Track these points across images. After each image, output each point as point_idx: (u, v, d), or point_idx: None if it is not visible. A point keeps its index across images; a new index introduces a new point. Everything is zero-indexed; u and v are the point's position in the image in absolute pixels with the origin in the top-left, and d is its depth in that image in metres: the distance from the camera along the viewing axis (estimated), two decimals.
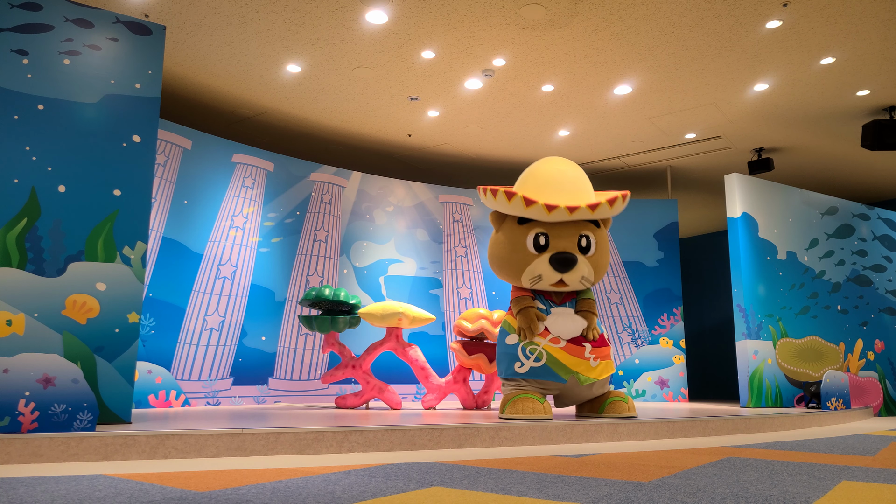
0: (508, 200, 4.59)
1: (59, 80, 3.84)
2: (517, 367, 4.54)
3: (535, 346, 4.54)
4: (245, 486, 2.38)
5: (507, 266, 4.78)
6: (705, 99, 6.57)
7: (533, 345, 4.55)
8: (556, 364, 4.50)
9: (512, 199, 4.57)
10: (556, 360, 4.51)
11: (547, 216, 4.55)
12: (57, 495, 2.16)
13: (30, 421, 3.16)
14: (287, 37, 5.44)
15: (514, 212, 4.69)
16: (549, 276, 4.61)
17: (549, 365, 4.49)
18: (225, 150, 6.72)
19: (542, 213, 4.54)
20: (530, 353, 4.53)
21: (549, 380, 4.50)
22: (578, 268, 4.62)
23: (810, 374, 7.14)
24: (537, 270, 4.62)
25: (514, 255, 4.70)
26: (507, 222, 4.83)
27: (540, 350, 4.53)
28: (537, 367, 4.50)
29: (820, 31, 5.24)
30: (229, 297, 6.52)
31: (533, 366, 4.51)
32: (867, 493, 2.33)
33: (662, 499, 2.18)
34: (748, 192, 7.28)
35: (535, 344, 4.55)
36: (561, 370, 4.49)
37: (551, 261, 4.58)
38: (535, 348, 4.53)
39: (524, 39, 5.46)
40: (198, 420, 4.15)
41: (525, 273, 4.66)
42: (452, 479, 2.55)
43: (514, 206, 4.61)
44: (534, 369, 4.50)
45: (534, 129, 7.40)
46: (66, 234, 3.72)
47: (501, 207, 4.74)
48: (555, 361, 4.50)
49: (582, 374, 4.52)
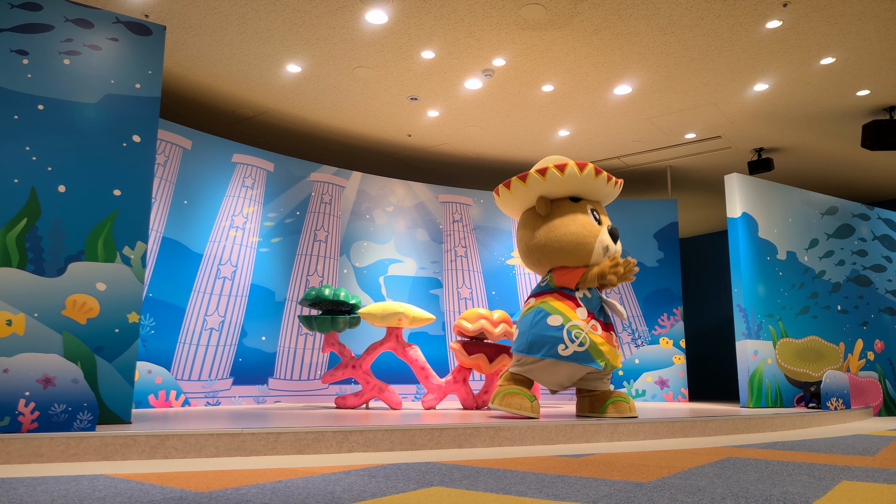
0: (581, 171, 4.70)
1: (59, 80, 3.84)
2: (561, 349, 4.50)
3: (581, 330, 4.54)
4: (245, 486, 2.38)
5: (582, 242, 4.75)
6: (705, 99, 6.57)
7: (578, 329, 4.54)
8: (596, 350, 4.53)
9: (584, 169, 4.71)
10: (596, 346, 4.54)
11: (595, 179, 4.77)
12: (57, 495, 2.16)
13: (30, 421, 3.16)
14: (287, 37, 5.44)
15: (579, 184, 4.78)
16: (612, 247, 4.80)
17: (591, 351, 4.52)
18: (225, 150, 6.72)
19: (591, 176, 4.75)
20: (576, 336, 4.52)
21: (589, 364, 4.52)
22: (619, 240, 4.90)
23: (810, 374, 7.14)
24: (605, 241, 4.77)
25: (586, 230, 4.76)
26: (561, 205, 4.87)
27: (584, 335, 4.53)
28: (580, 351, 4.50)
29: (820, 31, 5.24)
30: (229, 297, 6.52)
31: (577, 350, 4.50)
32: (867, 493, 2.33)
33: (662, 499, 2.18)
34: (748, 192, 7.28)
35: (581, 328, 4.54)
36: (599, 357, 4.53)
37: (609, 232, 4.80)
38: (581, 332, 4.53)
39: (524, 39, 5.46)
40: (198, 420, 4.15)
41: (597, 244, 4.75)
42: (452, 479, 2.55)
43: (586, 176, 4.73)
44: (577, 353, 4.50)
45: (534, 129, 7.40)
46: (66, 234, 3.72)
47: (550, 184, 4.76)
48: (595, 348, 4.53)
49: (611, 362, 4.61)
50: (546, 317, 4.62)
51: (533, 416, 4.41)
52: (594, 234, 4.74)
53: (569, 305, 4.65)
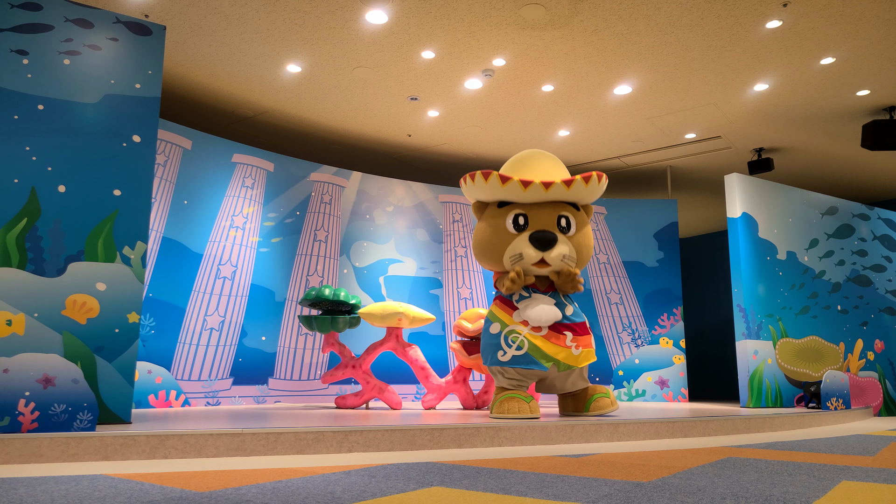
0: (485, 180, 4.64)
1: (59, 80, 3.84)
2: (500, 355, 4.59)
3: (518, 334, 4.59)
4: (245, 486, 2.38)
5: (489, 249, 4.80)
6: (705, 99, 6.57)
7: (515, 333, 4.59)
8: (537, 352, 4.54)
9: (489, 177, 4.63)
10: (537, 347, 4.55)
11: (523, 192, 4.62)
12: (57, 495, 2.16)
13: (30, 421, 3.16)
14: (287, 37, 5.44)
15: (491, 193, 4.75)
16: (529, 255, 4.62)
17: (531, 353, 4.53)
18: (225, 150, 6.72)
19: (518, 189, 4.61)
20: (512, 341, 4.57)
21: (531, 367, 4.53)
22: (558, 246, 4.64)
23: (810, 374, 7.14)
24: (518, 249, 4.64)
25: (495, 238, 4.74)
26: (489, 209, 4.89)
27: (521, 339, 4.56)
28: (518, 355, 4.54)
29: (820, 31, 5.24)
30: (229, 297, 6.52)
31: (515, 354, 4.55)
32: (867, 493, 2.33)
33: (662, 499, 2.18)
34: (748, 192, 7.28)
35: (518, 332, 4.59)
36: (542, 358, 4.53)
37: (531, 239, 4.61)
38: (517, 336, 4.57)
39: (524, 39, 5.46)
40: (198, 420, 4.15)
41: (506, 252, 4.68)
42: (452, 479, 2.55)
43: (490, 185, 4.66)
44: (515, 357, 4.54)
45: (534, 129, 7.40)
46: (66, 234, 3.72)
47: (479, 191, 4.80)
48: (535, 349, 4.54)
49: (563, 363, 4.57)
50: (489, 325, 4.76)
51: (533, 417, 4.41)
52: (505, 242, 4.69)
53: (506, 311, 4.71)
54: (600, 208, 8.71)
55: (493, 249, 4.76)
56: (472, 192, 4.89)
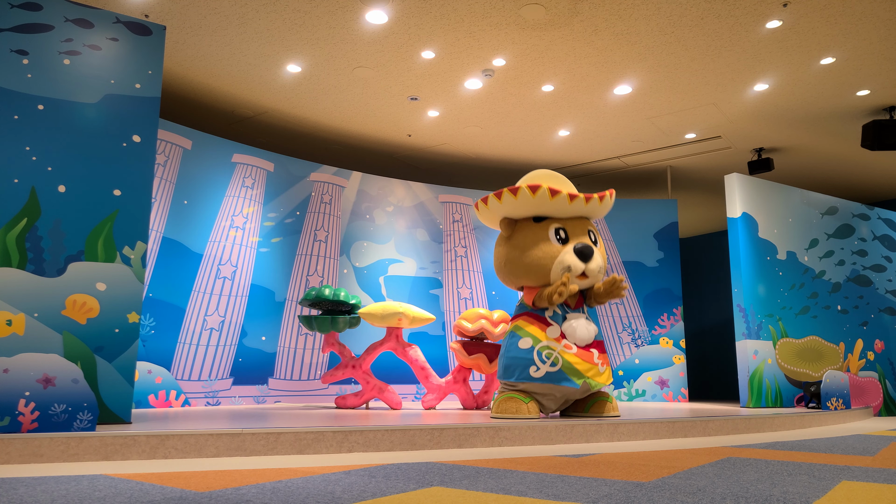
0: (533, 194, 4.63)
1: (59, 80, 3.84)
2: (533, 371, 4.52)
3: (552, 350, 4.55)
4: (245, 486, 2.38)
5: (535, 263, 4.73)
6: (705, 99, 6.57)
7: (549, 349, 4.55)
8: (571, 369, 4.52)
9: (537, 191, 4.62)
10: (571, 365, 4.53)
11: (569, 206, 4.70)
12: (57, 495, 2.16)
13: (30, 421, 3.16)
14: (287, 37, 5.44)
15: (535, 206, 4.72)
16: (576, 266, 4.67)
17: (564, 370, 4.51)
18: (225, 150, 6.72)
19: (565, 203, 4.67)
20: (546, 357, 4.53)
21: (563, 384, 4.50)
22: (595, 257, 4.76)
23: (810, 374, 7.14)
24: (566, 261, 4.66)
25: (540, 252, 4.72)
26: (521, 225, 4.86)
27: (556, 355, 4.53)
28: (553, 371, 4.50)
29: (820, 31, 5.24)
30: (229, 297, 6.52)
31: (549, 370, 4.50)
32: (867, 493, 2.33)
33: (662, 499, 2.18)
34: (748, 192, 7.28)
35: (552, 348, 4.55)
36: (574, 375, 4.52)
37: (576, 251, 4.68)
38: (552, 353, 4.54)
39: (524, 39, 5.46)
40: (198, 420, 4.15)
41: (555, 265, 4.68)
42: (452, 479, 2.55)
43: (539, 198, 4.65)
44: (549, 374, 4.50)
45: (534, 129, 7.40)
46: (66, 234, 3.72)
47: (520, 205, 4.74)
48: (569, 367, 4.52)
49: (592, 380, 4.57)
50: (518, 340, 4.69)
51: (532, 417, 4.42)
52: (551, 256, 4.68)
53: (538, 326, 4.66)
54: None
55: (539, 263, 4.71)
56: (505, 208, 4.81)
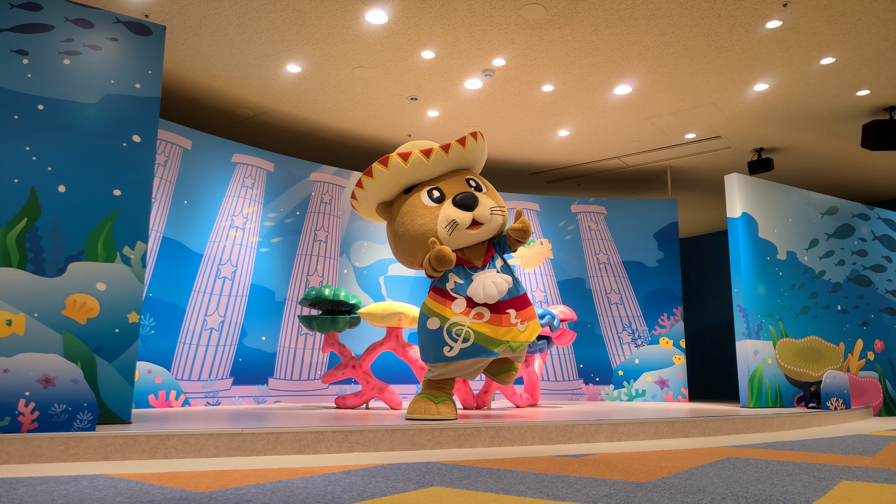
0: (386, 166, 4.45)
1: (59, 80, 3.84)
2: (446, 351, 4.32)
3: (461, 325, 4.32)
4: (245, 486, 2.38)
5: (419, 232, 4.46)
6: (705, 99, 6.57)
7: (458, 325, 4.32)
8: (485, 339, 4.32)
9: (388, 162, 4.43)
10: (484, 335, 4.32)
11: (427, 163, 4.47)
12: (57, 495, 2.16)
13: (30, 421, 3.16)
14: (287, 37, 5.44)
15: (394, 180, 4.53)
16: (462, 218, 4.39)
17: (479, 342, 4.31)
18: (225, 150, 6.72)
19: (423, 162, 4.45)
20: (457, 334, 4.31)
21: (481, 356, 4.34)
22: (483, 201, 4.48)
23: (810, 374, 7.14)
24: (449, 216, 4.40)
25: (420, 219, 4.47)
26: (396, 203, 4.66)
27: (466, 329, 4.32)
28: (466, 347, 4.30)
29: (820, 31, 5.24)
30: (229, 297, 6.52)
31: (462, 347, 4.30)
32: (867, 493, 2.33)
33: (662, 499, 2.18)
34: (748, 192, 7.28)
35: (461, 324, 4.32)
36: (491, 344, 4.32)
37: (455, 204, 4.42)
38: (461, 328, 4.31)
39: (524, 39, 5.46)
40: (198, 420, 4.15)
41: (439, 225, 4.41)
42: (452, 479, 2.55)
43: (393, 169, 4.46)
44: (464, 350, 4.31)
45: (534, 129, 7.40)
46: (66, 234, 3.72)
47: (380, 185, 4.56)
48: (483, 337, 4.32)
49: (513, 342, 4.38)
50: (426, 321, 4.47)
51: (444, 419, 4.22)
52: (432, 218, 4.45)
53: (443, 303, 4.43)
54: (600, 208, 8.71)
55: (423, 230, 4.45)
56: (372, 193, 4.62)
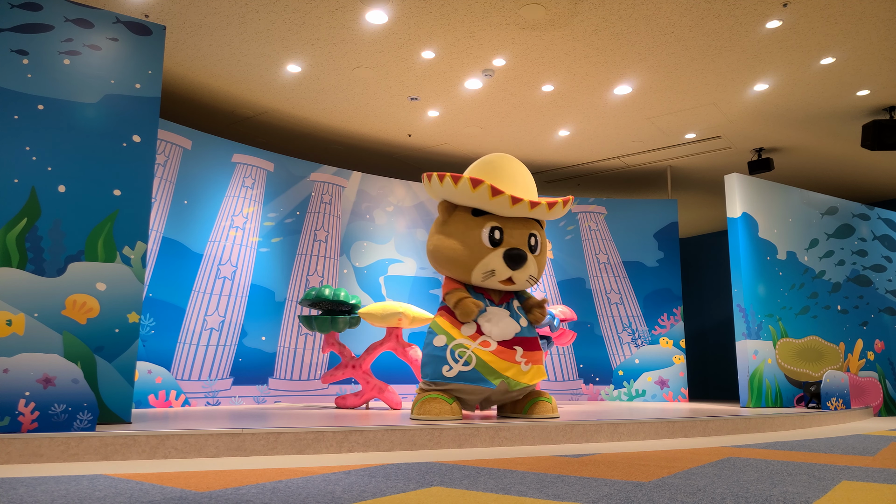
0: (473, 188, 4.29)
1: (59, 80, 3.84)
2: (445, 370, 4.30)
3: (465, 349, 4.30)
4: (245, 486, 2.38)
5: (458, 258, 4.47)
6: (705, 99, 6.57)
7: (462, 347, 4.31)
8: (486, 368, 4.28)
9: (478, 187, 4.27)
10: (486, 363, 4.28)
11: (510, 209, 4.36)
12: (57, 495, 2.16)
13: (30, 421, 3.16)
14: (287, 37, 5.44)
15: (474, 202, 4.41)
16: (501, 272, 4.41)
17: (478, 369, 4.26)
18: (225, 150, 6.72)
19: (506, 205, 4.33)
20: (459, 356, 4.29)
21: (478, 384, 4.27)
22: (528, 266, 4.47)
23: (810, 374, 7.14)
24: (491, 265, 4.40)
25: (468, 250, 4.44)
26: (458, 214, 4.55)
27: (469, 353, 4.29)
28: (466, 371, 4.27)
29: (820, 31, 5.24)
30: (229, 297, 6.52)
31: (462, 370, 4.27)
32: (867, 493, 2.33)
33: (662, 499, 2.18)
34: (748, 192, 7.28)
35: (465, 347, 4.31)
36: (490, 374, 4.27)
37: (505, 256, 4.39)
38: (465, 351, 4.30)
39: (524, 39, 5.46)
40: (198, 420, 4.15)
41: (478, 267, 4.42)
42: (452, 479, 2.55)
43: (479, 195, 4.31)
44: (462, 373, 4.27)
45: (534, 129, 7.40)
46: (66, 234, 3.72)
47: (460, 196, 4.43)
48: (484, 365, 4.28)
49: (513, 380, 4.32)
50: (433, 338, 4.47)
51: (455, 418, 4.22)
52: (477, 257, 4.42)
53: (454, 323, 4.44)
54: (600, 208, 8.71)
55: (464, 261, 4.47)
56: (446, 192, 4.51)
